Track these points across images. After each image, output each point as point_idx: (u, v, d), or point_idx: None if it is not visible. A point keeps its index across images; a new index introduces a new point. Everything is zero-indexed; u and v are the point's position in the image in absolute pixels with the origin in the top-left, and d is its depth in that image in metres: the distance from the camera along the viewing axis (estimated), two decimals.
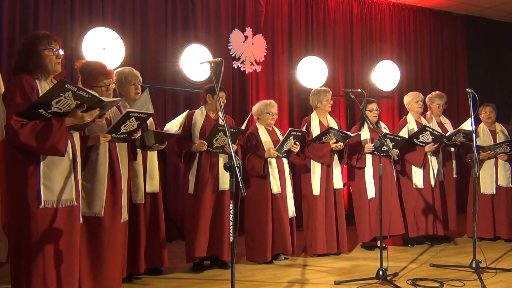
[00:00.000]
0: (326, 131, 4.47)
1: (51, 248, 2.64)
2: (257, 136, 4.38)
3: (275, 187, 4.30)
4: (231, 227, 2.52)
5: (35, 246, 2.59)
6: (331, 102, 4.74)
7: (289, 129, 4.27)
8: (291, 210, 4.41)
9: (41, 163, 2.62)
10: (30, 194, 2.59)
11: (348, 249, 4.68)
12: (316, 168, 4.57)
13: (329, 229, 4.56)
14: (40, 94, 2.62)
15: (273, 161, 4.33)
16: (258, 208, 4.30)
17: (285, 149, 4.32)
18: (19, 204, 2.61)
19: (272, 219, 4.30)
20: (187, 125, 4.08)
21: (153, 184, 3.81)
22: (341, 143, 4.56)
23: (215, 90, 4.06)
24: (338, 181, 4.66)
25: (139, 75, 3.82)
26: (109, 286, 3.15)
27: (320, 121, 4.70)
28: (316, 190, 4.54)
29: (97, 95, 2.69)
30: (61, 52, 2.77)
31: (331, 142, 4.51)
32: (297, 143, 4.34)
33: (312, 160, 4.58)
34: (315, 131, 4.62)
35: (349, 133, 4.64)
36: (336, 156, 4.68)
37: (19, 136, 2.50)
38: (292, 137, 4.23)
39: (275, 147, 4.29)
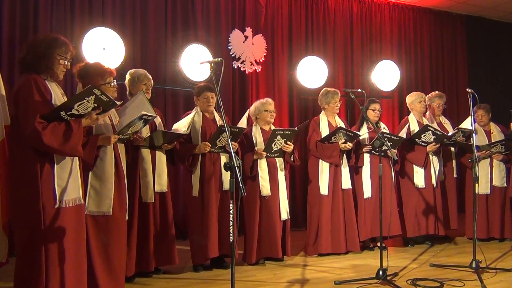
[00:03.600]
0: (335, 131, 4.47)
1: (65, 245, 2.69)
2: (249, 136, 4.36)
3: (264, 189, 4.25)
4: (231, 227, 2.52)
5: (51, 245, 2.63)
6: (339, 104, 4.74)
7: (273, 128, 4.25)
8: (285, 212, 4.34)
9: (55, 164, 2.68)
10: (45, 194, 2.63)
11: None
12: (324, 168, 4.57)
13: (335, 229, 4.55)
14: (53, 95, 2.69)
15: (264, 162, 4.27)
16: (247, 210, 4.28)
17: (275, 149, 4.27)
18: (32, 204, 2.62)
19: (260, 221, 4.26)
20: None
21: (162, 183, 3.85)
22: (350, 143, 4.56)
23: (198, 92, 4.14)
24: (346, 181, 4.65)
25: (151, 78, 3.93)
26: (118, 282, 3.19)
27: (329, 122, 4.71)
28: (324, 190, 4.53)
29: (112, 98, 2.80)
30: (69, 64, 2.83)
31: (340, 142, 4.51)
32: (289, 142, 4.31)
33: (320, 160, 4.58)
34: (324, 131, 4.62)
35: (358, 133, 4.64)
36: (344, 156, 4.67)
37: (43, 137, 2.54)
38: (279, 136, 4.19)
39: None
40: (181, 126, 4.02)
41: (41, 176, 2.63)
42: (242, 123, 4.32)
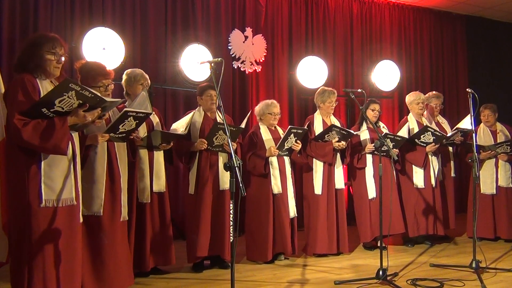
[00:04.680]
0: (328, 129, 4.46)
1: (52, 247, 2.64)
2: (258, 135, 4.38)
3: (276, 187, 4.29)
4: (231, 227, 2.52)
5: (36, 245, 2.58)
6: (334, 105, 4.71)
7: (289, 126, 4.26)
8: (292, 210, 4.38)
9: (42, 162, 2.62)
10: (31, 193, 2.59)
11: (349, 249, 4.68)
12: (318, 167, 4.56)
13: (330, 229, 4.55)
14: (42, 93, 2.63)
15: (274, 160, 4.31)
16: (259, 208, 4.30)
17: (286, 147, 4.30)
18: (20, 203, 2.60)
19: (272, 219, 4.29)
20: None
21: (160, 183, 3.84)
22: (343, 142, 4.55)
23: (201, 91, 4.14)
24: (339, 181, 4.65)
25: (148, 77, 3.90)
26: (112, 285, 3.16)
27: (323, 121, 4.69)
28: (318, 189, 4.53)
29: (99, 95, 2.71)
30: (63, 58, 2.77)
31: (333, 141, 4.51)
32: (298, 141, 4.33)
33: (314, 159, 4.58)
34: (318, 130, 4.61)
35: (352, 131, 4.63)
36: (338, 155, 4.67)
37: (22, 134, 2.50)
38: (292, 134, 4.22)
39: (276, 145, 4.29)
40: (179, 126, 4.01)
41: (28, 175, 2.59)
42: (243, 124, 4.32)
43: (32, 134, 2.52)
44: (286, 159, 4.40)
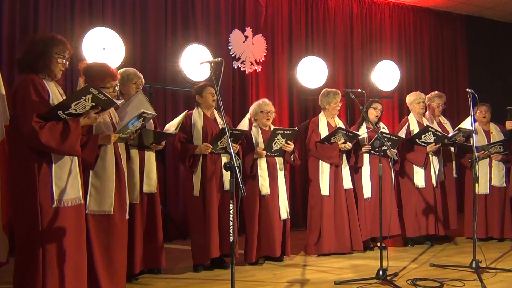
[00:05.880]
0: (334, 131, 4.47)
1: (64, 246, 2.69)
2: (249, 136, 4.36)
3: (264, 188, 4.25)
4: (231, 227, 2.52)
5: (49, 245, 2.62)
6: (340, 105, 4.73)
7: (273, 128, 4.24)
8: (285, 212, 4.34)
9: (53, 163, 2.67)
10: (42, 194, 2.62)
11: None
12: (324, 169, 4.57)
13: (339, 228, 4.55)
14: (50, 94, 2.68)
15: (263, 161, 4.28)
16: (247, 208, 4.29)
17: (275, 148, 4.27)
18: (30, 204, 2.62)
19: (259, 220, 4.26)
20: (188, 126, 4.07)
21: (150, 184, 3.80)
22: (349, 143, 4.56)
23: (202, 89, 4.13)
24: (347, 181, 4.65)
25: (142, 76, 3.89)
26: (119, 282, 3.19)
27: (328, 122, 4.70)
28: (325, 190, 4.53)
29: (111, 97, 2.78)
30: (68, 62, 2.82)
31: (339, 143, 4.51)
32: (289, 142, 4.30)
33: (320, 161, 4.58)
34: (323, 132, 4.62)
35: (358, 133, 4.64)
36: (344, 156, 4.67)
37: (40, 137, 2.53)
38: (279, 135, 4.18)
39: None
40: (171, 126, 3.99)
41: (38, 176, 2.62)
42: (244, 124, 4.30)
43: (49, 137, 2.56)
44: (278, 160, 4.35)
